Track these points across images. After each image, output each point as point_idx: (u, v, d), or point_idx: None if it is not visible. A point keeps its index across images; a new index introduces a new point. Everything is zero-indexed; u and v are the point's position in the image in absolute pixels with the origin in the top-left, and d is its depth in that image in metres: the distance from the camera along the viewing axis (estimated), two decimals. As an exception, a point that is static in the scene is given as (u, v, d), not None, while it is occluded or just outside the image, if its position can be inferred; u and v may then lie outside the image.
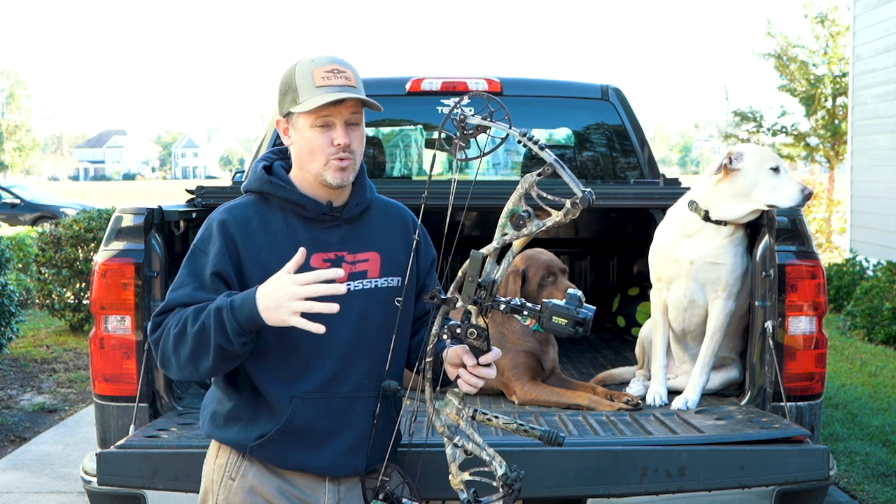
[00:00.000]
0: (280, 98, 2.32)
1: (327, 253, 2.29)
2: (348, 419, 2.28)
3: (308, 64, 2.27)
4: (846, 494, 4.80)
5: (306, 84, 2.24)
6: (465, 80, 4.93)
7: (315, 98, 2.22)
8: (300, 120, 2.27)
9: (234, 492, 2.28)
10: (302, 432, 2.25)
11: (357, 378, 2.28)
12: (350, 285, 2.27)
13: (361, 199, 2.36)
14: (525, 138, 2.05)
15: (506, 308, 2.07)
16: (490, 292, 2.06)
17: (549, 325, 2.07)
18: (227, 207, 2.33)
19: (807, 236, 3.33)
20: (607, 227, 5.14)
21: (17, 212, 23.11)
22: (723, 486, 2.82)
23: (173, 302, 2.22)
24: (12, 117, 66.71)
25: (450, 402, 2.16)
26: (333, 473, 2.29)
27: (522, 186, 2.07)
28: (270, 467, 2.28)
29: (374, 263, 2.34)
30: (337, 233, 2.32)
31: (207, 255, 2.24)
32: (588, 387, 3.63)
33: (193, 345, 2.12)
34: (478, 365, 2.14)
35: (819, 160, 20.11)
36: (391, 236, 2.40)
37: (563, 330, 2.07)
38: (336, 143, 2.25)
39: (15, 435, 6.06)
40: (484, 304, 2.07)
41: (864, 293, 9.09)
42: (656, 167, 5.08)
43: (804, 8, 19.27)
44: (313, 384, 2.24)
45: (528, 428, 2.12)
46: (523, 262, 3.80)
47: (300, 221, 2.30)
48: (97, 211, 9.79)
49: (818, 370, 3.29)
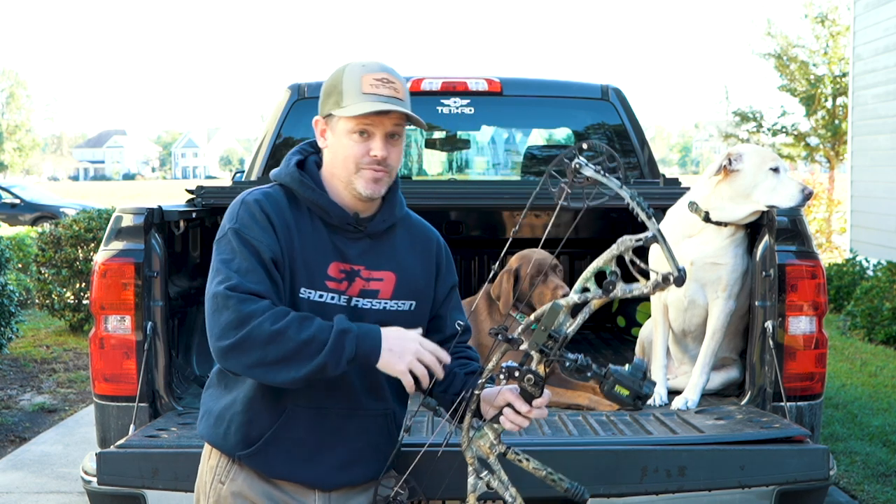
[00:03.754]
0: (324, 98, 2.25)
1: (344, 264, 2.24)
2: (341, 435, 2.25)
3: (358, 68, 2.21)
4: (846, 494, 4.79)
5: (353, 89, 2.18)
6: (465, 80, 4.93)
7: (359, 104, 2.16)
8: (340, 123, 2.21)
9: (223, 496, 2.26)
10: (291, 444, 2.22)
11: (353, 395, 2.25)
12: (359, 302, 2.24)
13: (389, 215, 2.31)
14: (633, 202, 2.00)
15: (571, 365, 2.02)
16: (560, 345, 2.02)
17: (609, 393, 2.05)
18: (263, 193, 2.24)
19: (807, 236, 3.33)
20: (607, 227, 5.13)
21: (17, 212, 23.11)
22: (723, 486, 2.82)
23: (245, 287, 2.08)
24: (12, 117, 66.71)
25: (486, 436, 2.14)
26: (322, 486, 2.27)
27: (618, 248, 2.02)
28: (260, 473, 2.26)
29: (387, 284, 2.28)
30: (358, 245, 2.26)
31: (257, 238, 2.15)
32: (588, 387, 3.63)
33: (293, 351, 2.04)
34: (532, 409, 2.11)
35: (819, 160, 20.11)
36: (412, 257, 2.34)
37: (622, 400, 2.06)
38: (373, 153, 2.19)
39: (15, 435, 6.06)
40: (551, 355, 2.02)
41: (864, 293, 9.09)
42: (656, 167, 5.08)
43: (804, 8, 19.27)
44: (307, 397, 2.20)
45: (557, 478, 2.13)
46: (516, 261, 3.81)
47: (324, 225, 2.25)
48: (97, 211, 9.79)
49: (818, 370, 3.29)
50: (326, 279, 2.22)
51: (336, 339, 2.05)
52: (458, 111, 4.91)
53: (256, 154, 5.02)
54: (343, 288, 2.23)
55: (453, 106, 4.91)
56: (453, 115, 4.89)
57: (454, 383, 2.28)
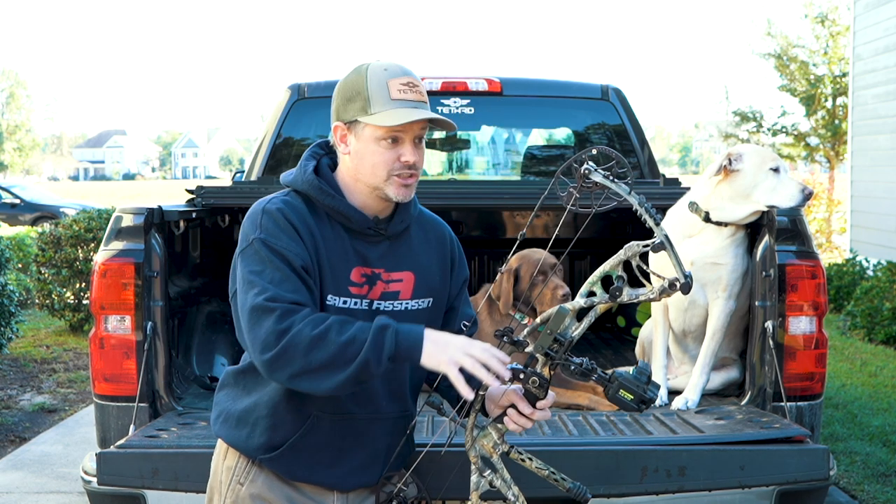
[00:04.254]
0: (343, 102, 2.19)
1: (366, 268, 2.23)
2: (364, 439, 2.25)
3: (381, 73, 2.17)
4: (846, 494, 4.79)
5: (381, 95, 2.14)
6: (465, 80, 4.93)
7: (392, 112, 2.13)
8: (367, 130, 2.16)
9: (241, 497, 2.26)
10: (315, 449, 2.22)
11: (377, 400, 2.24)
12: (381, 305, 2.23)
13: (406, 215, 2.29)
14: (642, 208, 2.02)
15: (576, 369, 2.03)
16: (565, 349, 2.02)
17: (613, 397, 2.05)
18: (283, 201, 2.20)
19: (807, 236, 3.33)
20: (607, 227, 5.13)
21: (17, 212, 23.11)
22: (723, 486, 2.82)
23: (282, 298, 2.06)
24: (12, 117, 66.72)
25: (489, 435, 2.15)
26: (342, 488, 2.27)
27: (625, 253, 2.04)
28: (280, 476, 2.26)
29: (407, 284, 2.27)
30: (378, 248, 2.25)
31: (285, 247, 2.12)
32: (588, 387, 3.63)
33: (335, 354, 2.01)
34: (535, 411, 2.11)
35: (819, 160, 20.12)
36: (427, 255, 2.33)
37: (627, 405, 2.06)
38: (404, 159, 2.17)
39: (15, 435, 6.06)
40: (556, 359, 2.03)
41: (864, 293, 9.09)
42: (656, 167, 5.08)
43: (804, 8, 19.27)
44: (332, 403, 2.19)
45: (560, 478, 2.14)
46: (516, 261, 3.81)
47: (344, 231, 2.23)
48: (97, 211, 9.79)
49: (818, 370, 3.29)
50: (350, 285, 2.20)
51: (375, 336, 2.02)
52: (458, 111, 4.91)
53: (256, 154, 5.02)
54: (364, 292, 2.22)
55: (453, 106, 4.91)
56: (453, 115, 4.89)
57: None
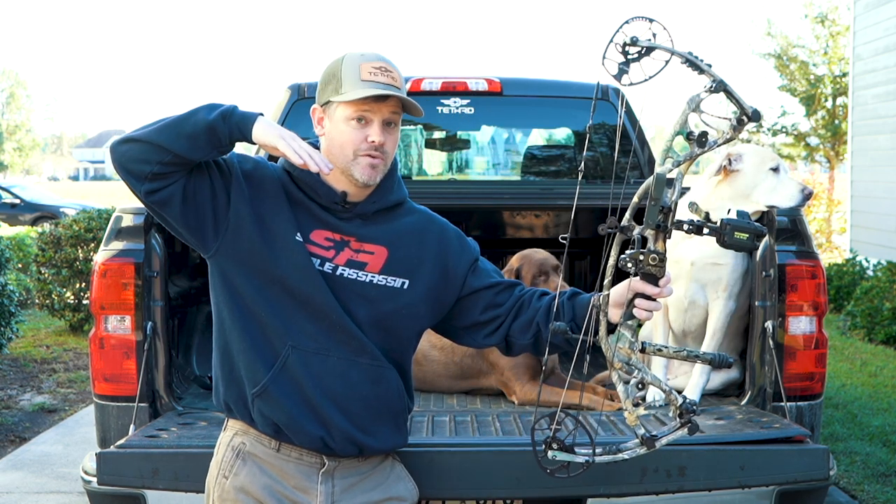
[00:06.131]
0: (321, 87, 2.30)
1: (333, 233, 2.28)
2: (343, 381, 2.24)
3: (357, 57, 2.26)
4: (846, 494, 4.80)
5: (351, 76, 2.23)
6: (465, 80, 4.93)
7: (358, 90, 2.21)
8: (338, 110, 2.25)
9: (226, 490, 2.29)
10: (296, 384, 2.22)
11: (345, 354, 2.25)
12: (345, 272, 2.26)
13: (380, 198, 2.33)
14: (691, 57, 2.05)
15: (689, 228, 2.02)
16: (668, 217, 2.01)
17: (731, 241, 2.03)
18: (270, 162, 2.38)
19: (807, 236, 3.33)
20: (607, 227, 5.12)
21: (17, 212, 23.12)
22: (723, 486, 2.82)
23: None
24: (12, 117, 66.66)
25: (623, 337, 2.11)
26: (331, 448, 2.25)
27: (690, 106, 2.04)
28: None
29: (377, 258, 2.30)
30: (351, 224, 2.30)
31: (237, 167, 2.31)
32: (588, 387, 3.63)
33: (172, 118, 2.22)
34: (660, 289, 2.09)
35: (819, 160, 20.14)
36: (413, 241, 2.35)
37: (745, 244, 2.04)
38: (370, 139, 2.23)
39: (15, 435, 6.06)
40: (665, 227, 2.01)
41: (864, 293, 9.09)
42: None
43: (804, 8, 19.30)
44: (302, 339, 2.22)
45: (699, 354, 2.12)
46: (517, 260, 3.81)
47: (316, 205, 2.29)
48: (97, 211, 9.80)
49: (818, 370, 3.29)
50: (310, 244, 2.25)
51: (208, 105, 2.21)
52: (458, 111, 4.91)
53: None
54: (330, 256, 2.26)
55: (453, 106, 4.91)
56: (453, 115, 4.89)
57: (575, 309, 2.28)
